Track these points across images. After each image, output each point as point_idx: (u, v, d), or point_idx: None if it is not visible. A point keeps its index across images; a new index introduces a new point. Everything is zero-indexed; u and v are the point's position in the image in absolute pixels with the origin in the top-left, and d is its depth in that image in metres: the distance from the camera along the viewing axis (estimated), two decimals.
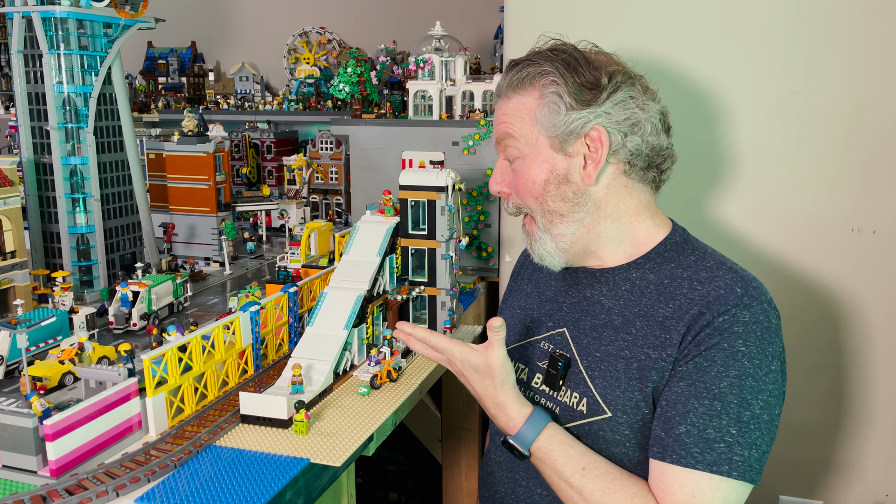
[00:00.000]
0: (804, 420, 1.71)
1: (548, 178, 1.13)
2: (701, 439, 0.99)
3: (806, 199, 1.63)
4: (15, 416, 1.03)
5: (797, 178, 1.63)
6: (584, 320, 1.17)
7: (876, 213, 1.59)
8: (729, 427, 0.99)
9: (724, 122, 1.66)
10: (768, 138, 1.63)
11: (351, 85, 2.44)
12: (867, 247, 1.61)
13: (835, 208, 1.62)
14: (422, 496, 2.82)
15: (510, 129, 1.15)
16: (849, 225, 1.61)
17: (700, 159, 1.69)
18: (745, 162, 1.66)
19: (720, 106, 1.65)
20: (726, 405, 1.00)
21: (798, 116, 1.61)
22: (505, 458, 1.23)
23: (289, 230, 2.46)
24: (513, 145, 1.16)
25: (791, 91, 1.60)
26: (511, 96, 1.16)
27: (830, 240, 1.63)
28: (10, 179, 1.57)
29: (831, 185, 1.61)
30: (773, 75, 1.61)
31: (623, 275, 1.16)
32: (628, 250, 1.17)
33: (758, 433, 1.00)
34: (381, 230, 1.54)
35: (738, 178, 1.67)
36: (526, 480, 1.18)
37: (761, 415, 1.01)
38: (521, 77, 1.15)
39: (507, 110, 1.16)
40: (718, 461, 0.98)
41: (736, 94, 1.64)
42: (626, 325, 1.11)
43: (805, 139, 1.61)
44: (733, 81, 1.64)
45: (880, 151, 1.57)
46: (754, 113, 1.64)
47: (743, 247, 1.68)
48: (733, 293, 1.05)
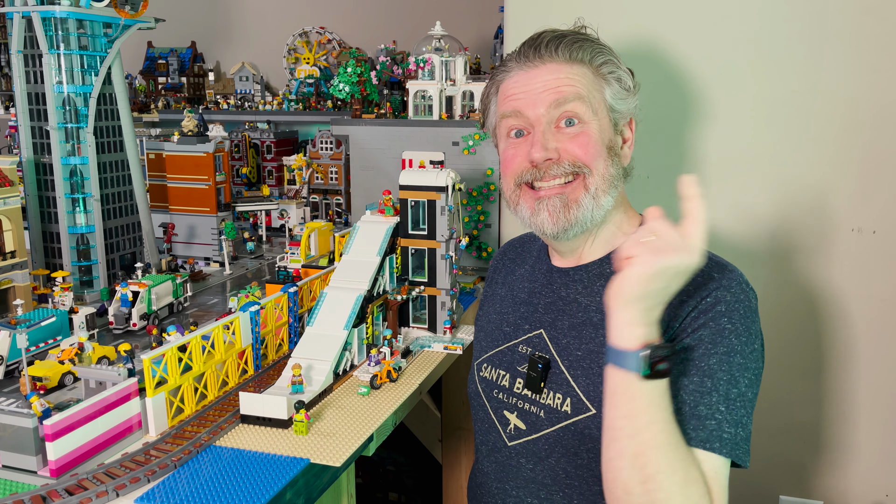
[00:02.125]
0: (804, 420, 1.71)
1: (610, 145, 1.14)
2: (693, 416, 0.99)
3: (806, 199, 1.63)
4: (15, 416, 1.03)
5: (797, 178, 1.63)
6: (561, 320, 1.17)
7: (876, 213, 1.59)
8: (718, 404, 0.99)
9: (724, 122, 1.66)
10: (768, 138, 1.64)
11: (351, 85, 2.44)
12: (867, 247, 1.61)
13: (835, 208, 1.62)
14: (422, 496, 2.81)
15: (581, 91, 1.12)
16: (849, 225, 1.61)
17: (700, 159, 1.69)
18: (745, 162, 1.66)
19: (720, 105, 1.65)
20: (716, 382, 1.00)
21: (798, 116, 1.61)
22: (494, 470, 1.21)
23: (289, 230, 2.46)
24: (580, 108, 1.12)
25: (791, 91, 1.60)
26: (571, 63, 1.13)
27: (830, 240, 1.63)
28: (10, 179, 1.57)
29: (831, 185, 1.61)
30: (773, 75, 1.61)
31: (597, 270, 1.17)
32: (609, 242, 1.18)
33: (743, 411, 1.00)
34: (381, 230, 1.54)
35: (737, 177, 1.67)
36: (516, 490, 1.17)
37: (746, 392, 1.01)
38: (578, 47, 1.14)
39: (570, 74, 1.13)
40: (710, 438, 0.98)
41: (736, 94, 1.64)
42: (606, 322, 1.11)
43: (805, 139, 1.61)
44: (733, 81, 1.64)
45: (880, 151, 1.57)
46: (754, 113, 1.64)
47: (743, 247, 1.68)
48: (711, 279, 1.06)
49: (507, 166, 1.18)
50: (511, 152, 1.17)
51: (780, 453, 1.72)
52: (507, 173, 1.18)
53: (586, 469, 1.09)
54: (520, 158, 1.15)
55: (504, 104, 1.17)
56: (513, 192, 1.17)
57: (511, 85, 1.16)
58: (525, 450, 1.16)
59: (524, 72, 1.15)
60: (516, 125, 1.16)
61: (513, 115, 1.15)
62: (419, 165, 2.10)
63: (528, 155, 1.13)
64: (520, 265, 1.34)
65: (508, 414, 1.19)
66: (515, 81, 1.16)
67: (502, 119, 1.18)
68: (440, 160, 2.13)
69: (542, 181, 1.13)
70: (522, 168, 1.14)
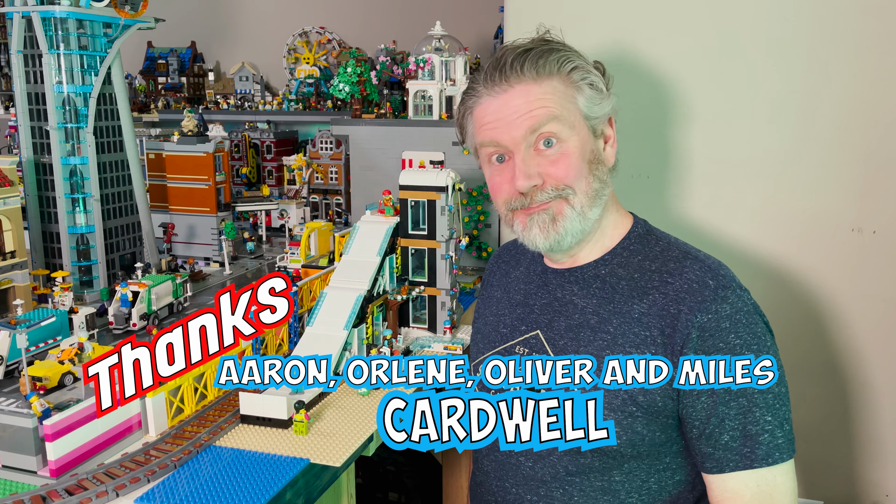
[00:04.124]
0: (804, 420, 1.70)
1: (591, 158, 1.13)
2: (747, 439, 1.02)
3: (806, 200, 1.63)
4: (15, 416, 1.03)
5: (797, 178, 1.63)
6: (558, 321, 1.17)
7: (876, 213, 1.59)
8: (764, 416, 1.02)
9: (724, 122, 1.66)
10: (768, 138, 1.63)
11: (351, 85, 2.44)
12: (867, 247, 1.61)
13: (835, 208, 1.61)
14: (422, 496, 2.81)
15: (555, 111, 1.10)
16: (849, 225, 1.61)
17: (700, 159, 1.69)
18: (745, 162, 1.66)
19: (720, 105, 1.65)
20: (751, 398, 1.02)
21: (798, 116, 1.61)
22: (494, 468, 1.21)
23: (289, 230, 2.46)
24: (556, 129, 1.11)
25: (791, 91, 1.60)
26: (539, 81, 1.11)
27: (830, 240, 1.63)
28: (10, 179, 1.57)
29: (831, 185, 1.61)
30: (773, 75, 1.61)
31: (592, 272, 1.17)
32: (603, 243, 1.18)
33: (784, 407, 1.04)
34: (381, 230, 1.54)
35: (737, 178, 1.67)
36: (515, 488, 1.17)
37: (779, 389, 1.04)
38: (544, 61, 1.12)
39: (540, 95, 1.11)
40: (770, 453, 1.01)
41: (736, 94, 1.64)
42: (603, 324, 1.12)
43: (805, 139, 1.61)
44: (733, 81, 1.64)
45: (880, 151, 1.57)
46: (754, 113, 1.64)
47: (743, 248, 1.68)
48: (707, 287, 1.07)
49: (496, 194, 1.18)
50: (497, 179, 1.17)
51: None
52: (497, 200, 1.19)
53: (586, 466, 1.09)
54: (506, 186, 1.15)
55: (480, 133, 1.16)
56: (506, 214, 1.19)
57: (483, 113, 1.15)
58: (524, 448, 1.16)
59: (493, 98, 1.13)
60: (496, 152, 1.15)
61: (491, 144, 1.15)
62: (419, 165, 2.10)
63: (513, 184, 1.12)
64: (514, 267, 1.34)
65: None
66: (486, 108, 1.14)
67: (482, 147, 1.18)
68: (440, 160, 2.13)
69: (533, 207, 1.14)
70: (511, 196, 1.14)
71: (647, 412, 1.06)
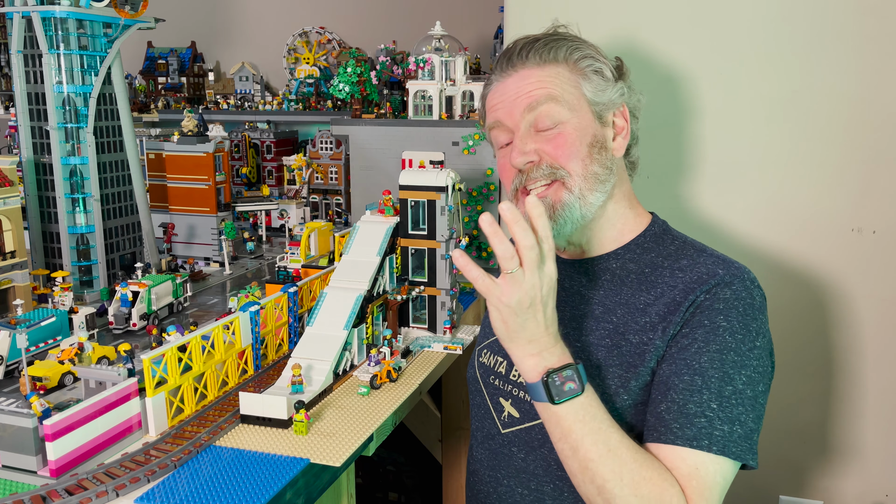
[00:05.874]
0: (804, 420, 1.71)
1: (592, 142, 1.14)
2: (681, 415, 0.99)
3: (806, 199, 1.63)
4: (15, 416, 1.03)
5: (797, 178, 1.63)
6: (563, 311, 1.16)
7: (876, 213, 1.59)
8: (710, 402, 0.99)
9: (723, 122, 1.66)
10: (768, 138, 1.63)
11: (351, 85, 2.44)
12: (867, 247, 1.61)
13: (835, 208, 1.61)
14: (422, 496, 2.81)
15: (553, 92, 1.12)
16: (849, 225, 1.61)
17: (700, 159, 1.69)
18: (745, 162, 1.66)
19: (720, 105, 1.65)
20: (707, 380, 1.00)
21: (798, 116, 1.61)
22: (487, 457, 1.22)
23: (289, 230, 2.46)
24: (554, 109, 1.12)
25: (791, 91, 1.60)
26: (543, 66, 1.14)
27: (830, 240, 1.63)
28: (10, 179, 1.57)
29: (831, 185, 1.61)
30: (773, 75, 1.61)
31: (603, 265, 1.18)
32: (615, 237, 1.18)
33: (741, 408, 0.99)
34: (381, 230, 1.54)
35: (737, 177, 1.67)
36: (507, 479, 1.18)
37: (744, 390, 1.00)
38: (549, 48, 1.15)
39: (541, 77, 1.14)
40: (699, 436, 0.97)
41: (736, 94, 1.64)
42: (607, 314, 1.12)
43: (805, 139, 1.61)
44: (733, 81, 1.64)
45: (880, 151, 1.57)
46: (754, 113, 1.64)
47: (743, 247, 1.68)
48: (715, 274, 1.07)
49: (503, 176, 1.21)
50: (502, 162, 1.20)
51: (780, 453, 1.72)
52: (505, 183, 1.21)
53: None
54: (509, 166, 1.17)
55: (488, 116, 1.21)
56: (512, 198, 1.20)
57: (491, 97, 1.20)
58: (518, 438, 1.16)
59: (500, 83, 1.18)
60: (501, 135, 1.19)
61: (496, 126, 1.19)
62: (419, 165, 2.10)
63: (512, 161, 1.15)
64: None
65: (503, 401, 1.20)
66: (494, 93, 1.20)
67: (490, 131, 1.22)
68: (440, 160, 2.13)
69: (529, 184, 1.15)
70: (513, 175, 1.17)
71: (634, 407, 1.06)
